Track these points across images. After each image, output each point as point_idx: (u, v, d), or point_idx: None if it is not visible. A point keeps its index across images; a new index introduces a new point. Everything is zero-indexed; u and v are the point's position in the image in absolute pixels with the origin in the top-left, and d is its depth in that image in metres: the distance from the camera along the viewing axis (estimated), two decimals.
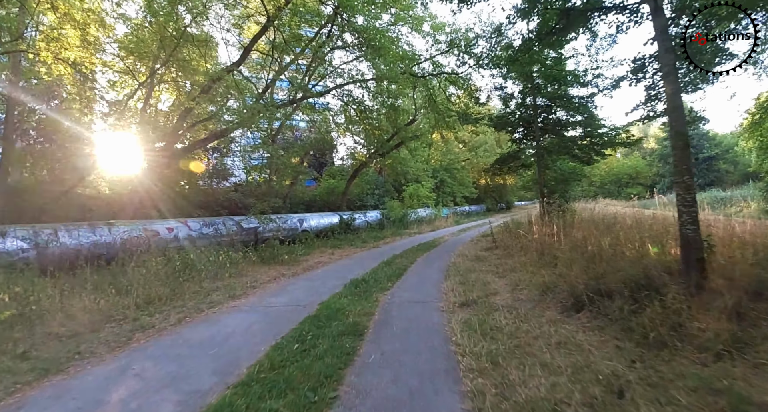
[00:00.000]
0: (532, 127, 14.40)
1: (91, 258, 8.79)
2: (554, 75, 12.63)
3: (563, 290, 5.75)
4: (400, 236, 18.30)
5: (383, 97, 16.67)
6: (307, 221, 16.94)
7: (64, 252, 8.74)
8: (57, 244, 8.76)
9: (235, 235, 13.38)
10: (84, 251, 9.03)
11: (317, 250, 13.64)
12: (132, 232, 10.58)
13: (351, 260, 11.50)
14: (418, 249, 12.90)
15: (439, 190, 29.45)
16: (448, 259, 10.49)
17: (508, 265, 8.67)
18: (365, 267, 9.74)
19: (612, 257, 6.39)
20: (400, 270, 8.97)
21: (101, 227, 9.99)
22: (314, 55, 16.32)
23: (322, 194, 22.92)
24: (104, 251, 9.58)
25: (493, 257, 10.17)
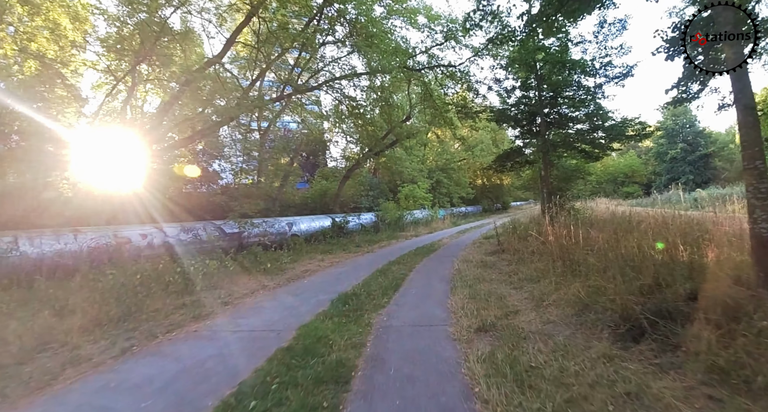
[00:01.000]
0: (536, 120, 13.13)
1: (54, 268, 7.66)
2: (561, 60, 11.39)
3: (608, 309, 4.42)
4: (396, 239, 16.95)
5: (377, 93, 15.33)
6: (297, 224, 15.57)
7: (23, 262, 7.62)
8: (17, 253, 7.67)
9: (217, 241, 12.03)
10: (47, 260, 7.94)
11: (306, 256, 12.25)
12: (101, 239, 9.28)
13: (342, 267, 10.14)
14: (416, 254, 11.55)
15: (436, 191, 28.14)
16: (451, 265, 9.15)
17: (522, 273, 7.33)
18: (358, 276, 8.39)
19: (661, 264, 5.09)
20: (397, 280, 7.61)
21: (66, 234, 8.79)
22: (302, 47, 14.97)
23: (314, 196, 21.55)
24: (69, 260, 8.32)
25: (502, 263, 8.83)
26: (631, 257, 5.99)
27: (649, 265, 5.22)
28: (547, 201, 13.00)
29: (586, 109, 13.04)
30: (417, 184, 24.33)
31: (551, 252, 8.27)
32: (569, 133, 13.18)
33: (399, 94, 18.27)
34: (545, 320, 4.66)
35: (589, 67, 12.08)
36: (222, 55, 14.16)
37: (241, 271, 9.79)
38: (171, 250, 10.61)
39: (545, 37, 12.29)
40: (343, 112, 16.04)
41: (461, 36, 15.32)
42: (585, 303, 4.82)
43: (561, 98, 13.26)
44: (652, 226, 8.75)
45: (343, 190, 21.19)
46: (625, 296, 4.36)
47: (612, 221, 9.67)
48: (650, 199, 33.99)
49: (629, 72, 11.89)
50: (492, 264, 8.76)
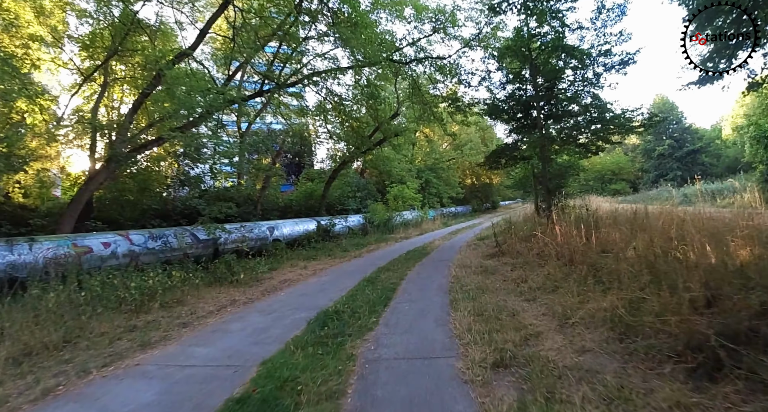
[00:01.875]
0: (532, 113, 12.13)
1: (6, 282, 6.72)
2: (557, 45, 10.43)
3: (661, 331, 3.36)
4: (385, 242, 15.82)
5: (362, 87, 14.20)
6: (279, 228, 14.37)
7: None
8: None
9: (190, 248, 10.84)
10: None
11: (287, 263, 11.09)
12: (58, 249, 8.09)
13: (326, 276, 8.98)
14: (407, 258, 10.44)
15: (425, 191, 27.07)
16: (448, 271, 8.06)
17: (531, 280, 6.26)
18: (342, 287, 7.25)
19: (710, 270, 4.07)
20: (387, 292, 6.47)
21: (21, 244, 7.61)
22: (282, 37, 13.79)
23: (298, 199, 20.34)
24: (23, 273, 7.23)
25: (504, 268, 7.76)
26: (662, 261, 4.98)
27: (693, 270, 4.20)
28: (545, 199, 12.01)
29: (584, 101, 12.08)
30: (406, 184, 23.25)
31: (560, 255, 7.24)
32: (566, 126, 12.20)
33: (386, 91, 17.20)
34: (579, 348, 3.57)
35: (587, 55, 11.13)
36: (195, 47, 12.91)
37: (211, 282, 8.66)
38: (137, 259, 9.44)
39: (539, 23, 11.41)
40: (326, 108, 14.88)
41: (450, 26, 14.31)
42: (626, 323, 3.75)
43: (557, 89, 12.30)
44: (667, 223, 7.79)
45: (330, 191, 20.00)
46: (685, 314, 3.30)
47: (617, 219, 8.71)
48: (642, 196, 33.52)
49: (630, 59, 10.94)
50: (493, 269, 7.68)
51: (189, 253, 10.76)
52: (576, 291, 5.06)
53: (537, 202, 20.32)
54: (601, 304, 4.39)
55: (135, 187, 15.51)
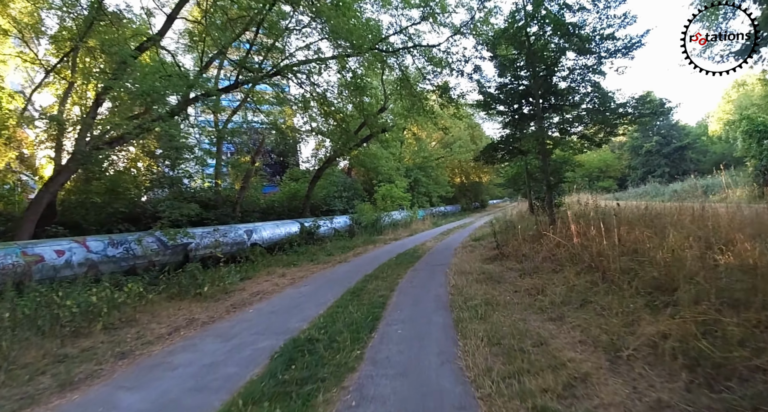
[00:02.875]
0: (530, 103, 11.05)
1: None
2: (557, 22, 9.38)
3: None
4: (373, 244, 14.61)
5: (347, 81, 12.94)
6: (258, 231, 13.08)
7: None
8: None
9: (156, 255, 9.56)
10: None
11: (265, 270, 9.83)
12: (6, 258, 6.84)
13: (305, 286, 7.73)
14: (398, 263, 9.24)
15: (414, 191, 25.91)
16: (445, 279, 6.88)
17: (550, 291, 5.10)
18: (321, 302, 6.03)
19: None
20: (375, 309, 5.25)
21: None
22: (260, 24, 12.48)
23: (281, 200, 19.00)
24: None
25: (510, 275, 6.61)
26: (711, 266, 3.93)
27: None
28: (546, 195, 10.93)
29: (585, 89, 11.05)
30: (394, 183, 22.07)
31: (578, 259, 6.12)
32: (567, 117, 11.15)
33: (372, 84, 16.00)
34: (653, 402, 2.41)
35: (587, 40, 10.09)
36: (163, 32, 11.55)
37: (174, 296, 7.38)
38: (95, 269, 8.15)
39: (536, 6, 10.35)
40: (309, 102, 13.59)
41: (440, 13, 13.15)
42: (711, 359, 2.62)
43: (557, 77, 11.25)
44: (697, 220, 6.76)
45: (314, 191, 18.72)
46: None
47: (627, 217, 7.69)
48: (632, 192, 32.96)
49: (638, 43, 9.90)
50: (498, 276, 6.51)
51: (155, 260, 9.50)
52: (614, 308, 3.93)
53: (530, 199, 19.37)
54: (658, 327, 3.26)
55: (102, 188, 14.02)
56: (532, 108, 11.24)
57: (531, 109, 11.28)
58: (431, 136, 30.37)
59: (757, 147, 21.48)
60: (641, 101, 10.16)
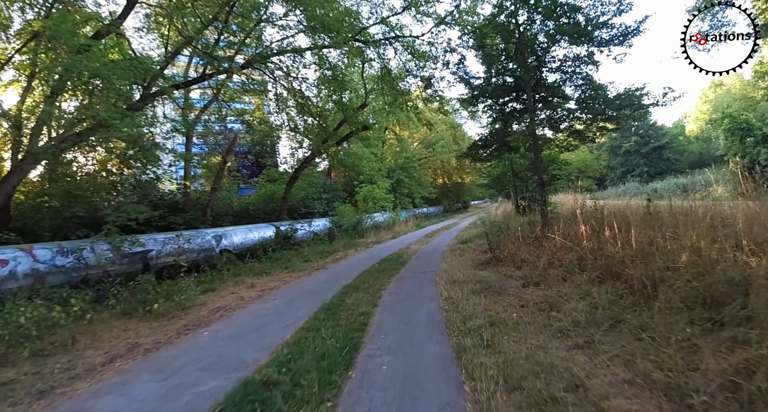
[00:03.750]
0: (520, 97, 10.23)
1: None
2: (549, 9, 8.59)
3: None
4: (354, 248, 13.57)
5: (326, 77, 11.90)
6: (229, 236, 11.89)
7: None
8: None
9: (112, 264, 8.34)
10: None
11: (232, 280, 8.70)
12: None
13: (275, 300, 6.65)
14: (381, 270, 8.23)
15: (397, 192, 24.92)
16: (435, 290, 5.91)
17: (565, 306, 4.18)
18: (289, 322, 4.99)
19: None
20: (353, 332, 4.22)
21: None
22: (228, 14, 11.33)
23: (257, 202, 17.76)
24: None
25: (511, 284, 5.67)
26: None
27: None
28: (538, 193, 10.11)
29: (576, 81, 10.31)
30: (376, 184, 21.06)
31: (589, 264, 5.23)
32: (559, 110, 10.37)
33: (352, 78, 15.01)
34: None
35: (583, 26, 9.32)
36: (124, 16, 10.34)
37: (124, 312, 6.29)
38: (43, 280, 6.96)
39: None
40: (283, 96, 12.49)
41: (422, 2, 12.24)
42: None
43: (547, 70, 10.49)
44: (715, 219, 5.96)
45: (292, 193, 17.56)
46: None
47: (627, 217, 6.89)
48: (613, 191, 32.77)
49: (635, 30, 9.17)
50: (498, 286, 5.56)
51: (110, 270, 8.30)
52: (658, 330, 3.02)
53: (516, 199, 18.64)
54: (729, 360, 2.35)
55: (59, 191, 12.58)
56: (522, 102, 10.43)
57: (522, 103, 10.47)
58: (413, 136, 29.53)
59: (740, 145, 21.32)
60: (638, 92, 9.43)
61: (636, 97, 9.31)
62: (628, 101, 9.22)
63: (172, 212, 14.16)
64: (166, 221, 13.44)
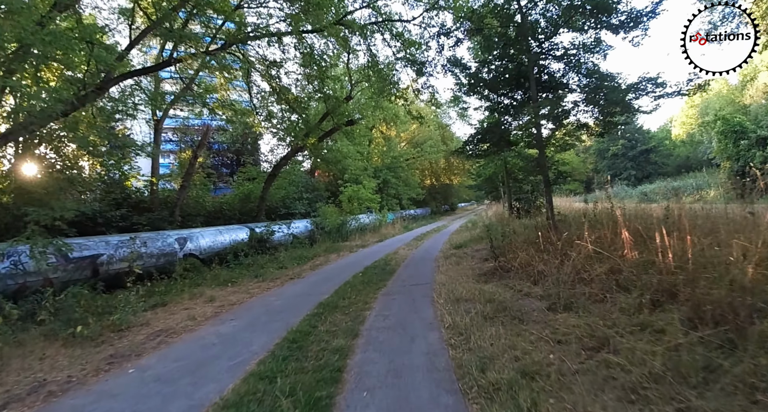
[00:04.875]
0: (524, 84, 9.02)
1: None
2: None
3: None
4: (337, 253, 12.19)
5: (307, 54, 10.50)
6: (195, 239, 10.39)
7: None
8: None
9: (55, 271, 6.89)
10: None
11: (190, 292, 7.26)
12: None
13: (231, 321, 5.24)
14: (365, 282, 6.86)
15: (383, 192, 23.58)
16: (434, 313, 4.57)
17: (624, 344, 2.90)
18: (240, 359, 3.63)
19: None
20: (322, 389, 2.84)
21: None
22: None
23: (232, 202, 16.23)
24: None
25: (530, 304, 4.37)
26: None
27: None
28: (545, 193, 8.88)
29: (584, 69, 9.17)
30: (362, 184, 19.70)
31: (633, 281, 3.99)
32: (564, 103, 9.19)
33: (337, 66, 13.67)
34: None
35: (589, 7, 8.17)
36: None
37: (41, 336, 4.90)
38: None
39: None
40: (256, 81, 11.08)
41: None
42: None
43: (550, 59, 9.33)
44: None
45: (271, 192, 16.09)
46: None
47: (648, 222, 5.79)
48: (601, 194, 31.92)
49: (651, 13, 8.04)
50: (514, 307, 4.23)
51: (53, 277, 6.85)
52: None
53: (510, 201, 17.50)
54: None
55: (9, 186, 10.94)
56: (524, 92, 9.23)
57: (523, 94, 9.27)
58: (400, 135, 28.25)
59: (734, 147, 20.63)
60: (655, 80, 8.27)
61: (655, 86, 8.15)
62: (644, 91, 8.07)
63: (136, 212, 12.68)
64: (129, 221, 11.99)
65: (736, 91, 30.75)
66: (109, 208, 11.95)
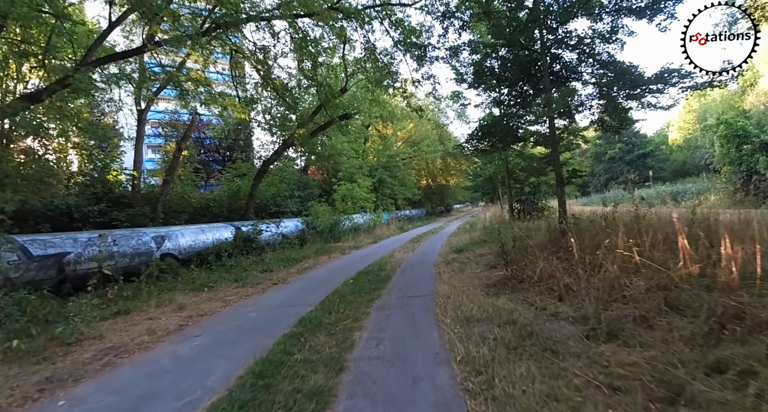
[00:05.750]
0: (536, 75, 8.15)
1: None
2: None
3: None
4: (328, 255, 11.25)
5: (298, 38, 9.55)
6: (174, 238, 9.45)
7: None
8: None
9: (16, 270, 6.01)
10: None
11: (159, 298, 6.33)
12: None
13: (195, 338, 4.29)
14: (356, 291, 5.91)
15: (379, 192, 22.63)
16: (441, 341, 3.61)
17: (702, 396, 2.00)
18: (192, 397, 2.69)
19: None
20: None
21: None
22: None
23: (220, 199, 15.23)
24: None
25: (562, 331, 3.44)
26: None
27: None
28: (557, 191, 8.04)
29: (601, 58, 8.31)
30: (357, 182, 18.76)
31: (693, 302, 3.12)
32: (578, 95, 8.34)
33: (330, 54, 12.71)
34: None
35: None
36: None
37: None
38: None
39: None
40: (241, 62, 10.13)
41: None
42: None
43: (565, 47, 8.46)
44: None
45: (260, 189, 15.11)
46: None
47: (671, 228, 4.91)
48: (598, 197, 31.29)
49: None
50: (543, 333, 3.28)
51: (14, 277, 5.99)
52: None
53: (511, 202, 16.64)
54: None
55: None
56: (535, 82, 8.36)
57: (534, 84, 8.40)
58: (397, 134, 27.32)
59: (737, 152, 19.91)
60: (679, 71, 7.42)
61: (679, 77, 7.30)
62: (668, 83, 7.22)
63: (117, 207, 11.74)
64: (107, 217, 11.04)
65: (735, 97, 30.13)
66: (87, 202, 11.01)
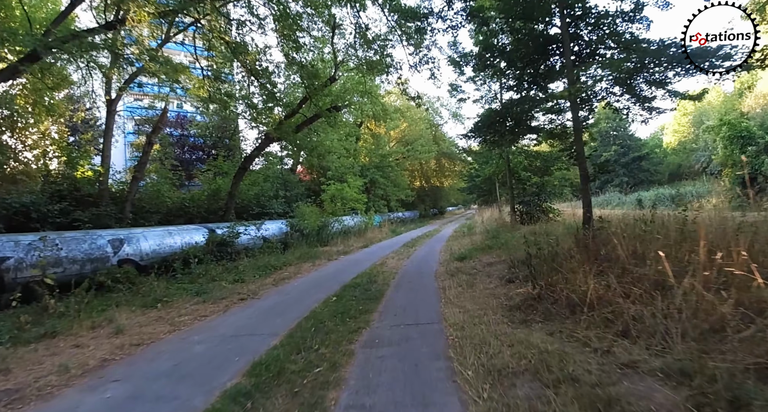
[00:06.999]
0: (555, 53, 6.91)
1: None
2: None
3: None
4: (312, 262, 9.89)
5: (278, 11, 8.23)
6: (135, 241, 8.06)
7: None
8: None
9: None
10: None
11: (95, 317, 4.97)
12: None
13: (110, 385, 2.92)
14: (337, 313, 4.54)
15: (370, 193, 21.29)
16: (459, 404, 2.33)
17: None
18: None
19: None
20: None
21: None
22: None
23: (198, 199, 13.80)
24: None
25: (643, 392, 2.17)
26: None
27: None
28: (582, 190, 6.82)
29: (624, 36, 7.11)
30: (347, 182, 17.40)
31: None
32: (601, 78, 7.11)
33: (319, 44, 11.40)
34: None
35: None
36: None
37: None
38: None
39: None
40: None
41: None
42: None
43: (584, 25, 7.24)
44: None
45: (242, 188, 13.72)
46: None
47: None
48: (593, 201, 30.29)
49: None
50: (631, 410, 2.06)
51: None
52: None
53: (513, 204, 15.44)
54: None
55: None
56: (552, 62, 7.12)
57: (550, 65, 7.16)
58: (389, 133, 26.02)
59: (740, 154, 19.00)
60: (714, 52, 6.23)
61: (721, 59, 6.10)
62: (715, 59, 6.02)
63: (81, 206, 10.38)
64: (69, 217, 9.67)
65: (732, 99, 29.47)
66: (49, 200, 9.61)
